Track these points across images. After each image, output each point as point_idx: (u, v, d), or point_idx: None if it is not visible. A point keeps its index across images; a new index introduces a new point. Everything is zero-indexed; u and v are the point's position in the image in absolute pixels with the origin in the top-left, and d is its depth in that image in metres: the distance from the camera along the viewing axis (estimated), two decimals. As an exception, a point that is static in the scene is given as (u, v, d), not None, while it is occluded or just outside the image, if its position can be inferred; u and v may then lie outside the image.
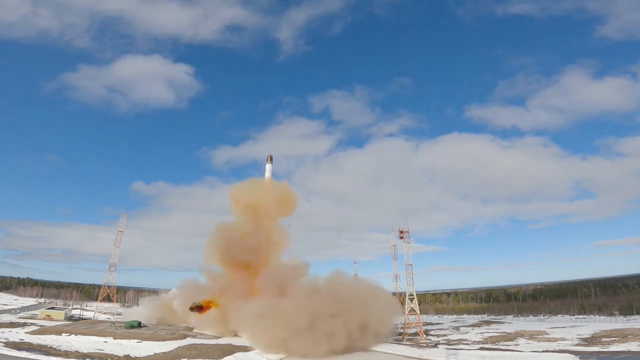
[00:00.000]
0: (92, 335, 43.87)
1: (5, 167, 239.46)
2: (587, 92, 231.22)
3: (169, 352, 36.82)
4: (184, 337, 44.97)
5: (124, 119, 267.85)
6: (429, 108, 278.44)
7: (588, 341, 43.92)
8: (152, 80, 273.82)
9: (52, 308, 71.01)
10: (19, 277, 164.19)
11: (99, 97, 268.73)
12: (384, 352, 41.01)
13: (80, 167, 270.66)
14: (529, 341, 47.06)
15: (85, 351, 35.38)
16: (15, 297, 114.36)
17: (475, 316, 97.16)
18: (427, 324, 73.32)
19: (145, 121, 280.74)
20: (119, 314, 71.10)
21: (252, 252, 53.41)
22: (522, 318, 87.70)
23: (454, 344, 46.46)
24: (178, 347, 38.88)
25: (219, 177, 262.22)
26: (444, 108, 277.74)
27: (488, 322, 75.24)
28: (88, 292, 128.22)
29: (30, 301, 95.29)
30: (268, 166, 65.71)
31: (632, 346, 38.52)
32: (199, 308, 52.65)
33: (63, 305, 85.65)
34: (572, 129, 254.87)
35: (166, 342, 41.84)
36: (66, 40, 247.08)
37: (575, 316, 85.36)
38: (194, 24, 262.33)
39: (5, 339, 38.85)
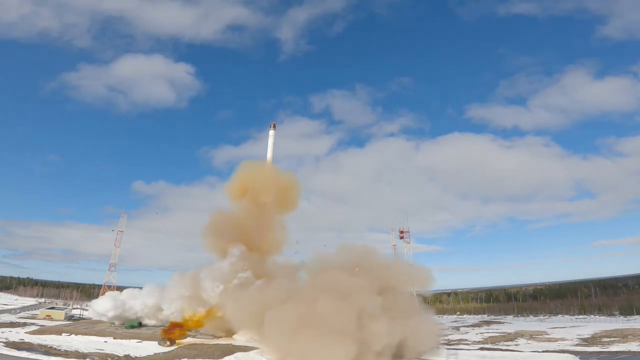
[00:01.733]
0: (92, 335, 43.91)
1: (5, 166, 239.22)
2: (588, 91, 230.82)
3: (169, 351, 36.85)
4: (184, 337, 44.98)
5: (124, 118, 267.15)
6: (429, 108, 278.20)
7: (588, 341, 43.92)
8: (152, 79, 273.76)
9: (52, 308, 70.99)
10: (19, 277, 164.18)
11: (99, 96, 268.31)
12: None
13: (81, 167, 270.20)
14: (529, 341, 47.07)
15: (85, 351, 35.41)
16: (16, 297, 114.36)
17: (475, 316, 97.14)
18: (427, 324, 73.20)
19: (145, 121, 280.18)
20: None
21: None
22: (522, 318, 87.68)
23: (454, 344, 46.46)
24: (178, 347, 38.89)
25: (219, 177, 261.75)
26: (445, 108, 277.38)
27: (488, 322, 75.26)
28: (88, 292, 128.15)
29: (31, 301, 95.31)
30: (271, 132, 59.02)
31: (632, 346, 38.55)
32: (167, 335, 41.67)
33: (63, 305, 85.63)
34: (572, 129, 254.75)
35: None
36: (66, 40, 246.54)
37: (576, 316, 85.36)
38: (195, 23, 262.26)
39: (6, 338, 38.89)
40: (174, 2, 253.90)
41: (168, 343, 40.23)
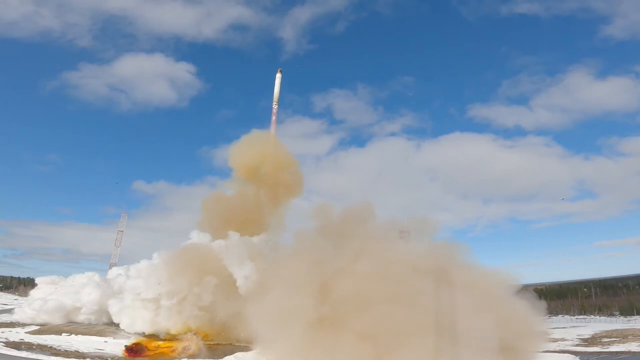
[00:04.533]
0: (92, 335, 43.86)
1: (5, 166, 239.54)
2: (590, 91, 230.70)
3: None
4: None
5: (125, 117, 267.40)
6: (431, 107, 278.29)
7: (588, 341, 43.90)
8: (154, 79, 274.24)
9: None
10: (19, 277, 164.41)
11: (100, 95, 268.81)
12: None
13: (81, 166, 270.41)
14: (529, 341, 47.01)
15: (85, 351, 35.43)
16: (16, 296, 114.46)
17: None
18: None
19: (146, 120, 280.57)
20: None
21: None
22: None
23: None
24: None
25: (220, 176, 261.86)
26: (447, 107, 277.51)
27: (488, 323, 75.12)
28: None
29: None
30: (278, 75, 59.02)
31: (632, 346, 38.50)
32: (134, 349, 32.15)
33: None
34: (574, 129, 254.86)
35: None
36: (68, 40, 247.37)
37: (576, 316, 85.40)
38: (197, 23, 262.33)
39: (6, 338, 38.90)
40: (176, 2, 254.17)
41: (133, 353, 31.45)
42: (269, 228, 46.06)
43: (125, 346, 32.99)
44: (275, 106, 58.80)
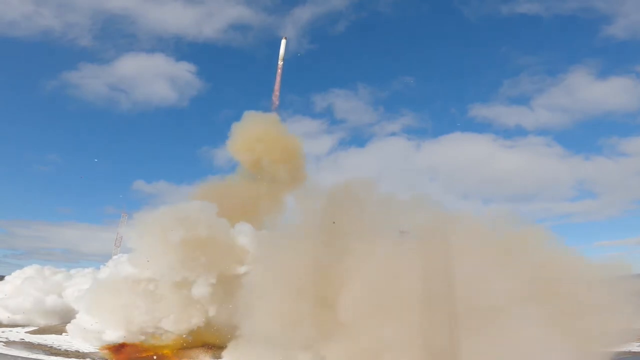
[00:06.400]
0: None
1: (5, 166, 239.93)
2: (591, 91, 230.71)
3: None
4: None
5: (125, 117, 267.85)
6: (432, 107, 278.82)
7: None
8: (154, 78, 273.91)
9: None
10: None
11: (100, 95, 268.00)
12: None
13: (81, 166, 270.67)
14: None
15: (85, 351, 35.46)
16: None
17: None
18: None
19: (146, 120, 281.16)
20: None
21: None
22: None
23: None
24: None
25: (220, 176, 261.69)
26: (448, 107, 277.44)
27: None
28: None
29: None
30: (283, 42, 58.73)
31: (632, 346, 38.49)
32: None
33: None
34: (575, 129, 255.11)
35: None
36: (68, 39, 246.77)
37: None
38: (197, 22, 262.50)
39: (6, 338, 38.97)
40: (176, 1, 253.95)
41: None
42: (266, 225, 40.97)
43: (109, 345, 29.53)
44: (280, 63, 60.61)
